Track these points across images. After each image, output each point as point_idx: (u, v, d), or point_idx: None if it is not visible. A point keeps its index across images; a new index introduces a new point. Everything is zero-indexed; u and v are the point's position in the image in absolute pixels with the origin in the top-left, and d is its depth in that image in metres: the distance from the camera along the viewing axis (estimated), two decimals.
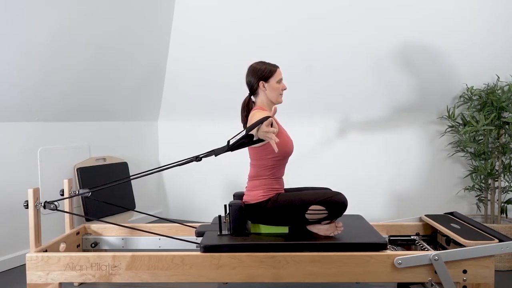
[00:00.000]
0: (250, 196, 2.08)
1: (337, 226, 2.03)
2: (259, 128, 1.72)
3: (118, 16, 3.00)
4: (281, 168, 2.12)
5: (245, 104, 2.16)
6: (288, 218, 2.02)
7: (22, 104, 2.69)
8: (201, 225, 2.31)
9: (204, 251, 1.92)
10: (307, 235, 2.03)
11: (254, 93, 2.14)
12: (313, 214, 1.98)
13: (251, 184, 2.10)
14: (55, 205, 2.00)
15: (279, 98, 2.13)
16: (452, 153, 3.05)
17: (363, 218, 2.36)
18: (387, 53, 2.97)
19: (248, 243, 1.94)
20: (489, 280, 1.84)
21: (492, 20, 2.67)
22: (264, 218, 2.05)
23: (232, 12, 3.23)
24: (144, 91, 3.63)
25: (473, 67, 2.82)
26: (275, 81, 2.10)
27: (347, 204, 1.99)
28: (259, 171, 2.07)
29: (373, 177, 3.28)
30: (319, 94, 3.29)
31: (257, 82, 2.09)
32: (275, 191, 2.07)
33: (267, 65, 2.11)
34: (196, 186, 3.88)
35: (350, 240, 1.94)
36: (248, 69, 2.14)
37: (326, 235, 2.01)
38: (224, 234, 2.06)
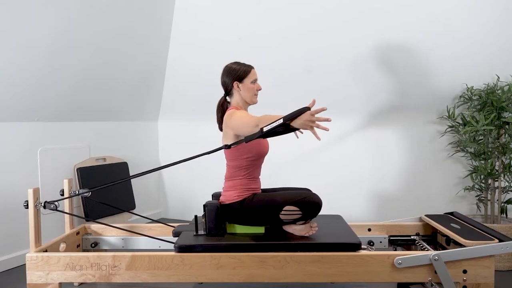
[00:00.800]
0: (226, 196, 2.09)
1: (312, 226, 2.05)
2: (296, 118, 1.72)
3: (118, 16, 3.00)
4: (257, 168, 2.13)
5: (220, 105, 2.17)
6: (263, 219, 2.03)
7: (22, 104, 2.69)
8: (179, 225, 2.33)
9: (178, 251, 1.92)
10: (283, 235, 2.05)
11: (229, 94, 2.15)
12: (287, 214, 1.99)
13: (227, 185, 2.11)
14: (55, 205, 2.00)
15: (254, 98, 2.13)
16: (452, 153, 3.05)
17: (342, 218, 2.37)
18: (386, 53, 2.97)
19: (223, 243, 1.94)
20: (489, 280, 1.84)
21: (492, 20, 2.67)
22: (239, 218, 2.06)
23: (232, 12, 3.23)
24: (144, 91, 3.63)
25: (473, 67, 2.82)
26: (249, 82, 2.10)
27: (321, 205, 2.01)
28: (235, 172, 2.09)
29: (372, 177, 3.28)
30: (319, 93, 3.29)
31: (231, 83, 2.10)
32: (251, 191, 2.08)
33: (241, 66, 2.12)
34: (196, 186, 3.88)
35: (325, 240, 1.96)
36: (223, 69, 2.15)
37: (301, 235, 2.03)
38: (200, 234, 2.07)
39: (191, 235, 2.07)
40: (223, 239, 2.00)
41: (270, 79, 3.35)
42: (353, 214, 3.32)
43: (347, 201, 3.35)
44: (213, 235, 2.05)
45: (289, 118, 1.73)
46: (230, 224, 2.12)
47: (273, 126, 1.76)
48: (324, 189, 3.36)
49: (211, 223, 2.05)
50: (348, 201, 3.34)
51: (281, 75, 3.31)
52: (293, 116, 1.73)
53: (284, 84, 3.34)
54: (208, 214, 2.05)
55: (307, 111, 1.71)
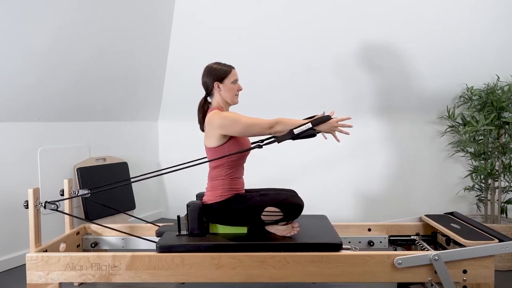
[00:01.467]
0: (208, 196, 2.10)
1: (293, 226, 2.05)
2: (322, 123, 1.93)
3: (118, 16, 3.00)
4: (239, 168, 2.13)
5: (201, 105, 2.17)
6: (245, 219, 2.03)
7: (22, 104, 2.69)
8: (164, 225, 2.33)
9: (160, 251, 1.93)
10: (265, 235, 2.05)
11: (210, 94, 2.15)
12: (268, 215, 2.00)
13: (210, 185, 2.11)
14: (56, 205, 2.00)
15: (235, 98, 2.14)
16: (452, 153, 3.05)
17: (327, 219, 2.38)
18: (386, 53, 2.97)
19: (205, 244, 1.95)
20: (489, 280, 1.84)
21: (492, 20, 2.67)
22: (222, 218, 2.06)
23: (233, 12, 3.23)
24: (144, 91, 3.63)
25: (473, 67, 2.82)
26: (229, 82, 2.10)
27: (302, 206, 2.02)
28: (217, 172, 2.09)
29: (373, 177, 3.28)
30: (320, 94, 3.29)
31: (212, 83, 2.10)
32: (233, 191, 2.08)
33: (222, 66, 2.12)
34: (196, 186, 3.88)
35: (306, 240, 1.96)
36: (204, 69, 2.15)
37: (283, 235, 2.03)
38: (182, 235, 2.07)
39: (173, 235, 2.07)
40: (205, 239, 2.00)
41: (269, 79, 3.35)
42: (353, 214, 3.32)
43: (346, 201, 3.35)
44: (195, 235, 2.05)
45: (317, 124, 1.94)
46: (213, 224, 2.12)
47: (303, 129, 1.92)
48: (324, 188, 3.37)
49: (193, 223, 2.05)
50: (348, 201, 3.34)
51: (281, 75, 3.31)
52: (320, 122, 1.94)
53: (284, 84, 3.34)
54: (191, 214, 2.05)
55: (334, 118, 1.96)
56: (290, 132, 1.93)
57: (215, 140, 2.03)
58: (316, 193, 3.41)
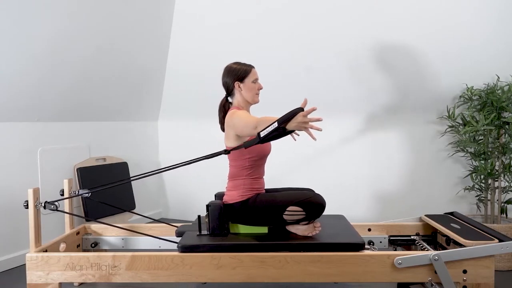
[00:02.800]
0: (229, 196, 2.09)
1: (315, 226, 2.05)
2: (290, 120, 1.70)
3: (118, 16, 3.00)
4: (260, 168, 2.13)
5: (221, 105, 2.18)
6: (267, 219, 2.03)
7: (22, 104, 2.69)
8: (182, 225, 2.32)
9: (182, 251, 1.92)
10: (286, 235, 2.04)
11: (230, 94, 2.15)
12: (291, 215, 1.99)
13: (230, 184, 2.11)
14: (56, 205, 2.00)
15: (255, 97, 2.13)
16: (452, 153, 3.05)
17: (345, 218, 2.37)
18: (386, 53, 2.97)
19: (226, 243, 1.94)
20: (489, 280, 1.84)
21: (492, 20, 2.67)
22: (243, 218, 2.06)
23: (232, 12, 3.23)
24: (144, 91, 3.63)
25: (473, 67, 2.82)
26: (250, 81, 2.10)
27: (325, 205, 2.01)
28: (238, 172, 2.08)
29: (373, 177, 3.28)
30: (319, 93, 3.29)
31: (232, 83, 2.10)
32: (254, 191, 2.08)
33: (242, 65, 2.12)
34: (196, 186, 3.88)
35: (328, 240, 1.95)
36: (224, 70, 2.15)
37: (304, 235, 2.03)
38: (203, 234, 2.07)
39: (194, 235, 2.06)
40: (226, 239, 1.99)
41: (270, 80, 3.35)
42: (353, 214, 3.32)
43: (347, 201, 3.35)
44: (216, 235, 2.04)
45: (283, 121, 1.71)
46: (233, 224, 2.11)
47: (269, 130, 1.75)
48: (325, 189, 3.37)
49: (214, 223, 2.05)
50: (348, 201, 3.34)
51: (281, 76, 3.31)
52: (287, 119, 1.70)
53: (284, 85, 3.34)
54: (211, 214, 2.05)
55: (300, 112, 1.69)
56: (257, 135, 1.80)
57: (233, 140, 2.03)
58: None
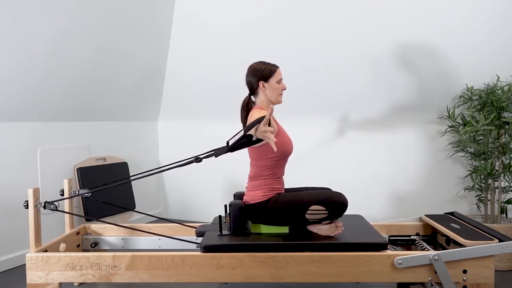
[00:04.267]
0: (250, 196, 2.08)
1: (337, 226, 2.02)
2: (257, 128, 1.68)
3: (118, 16, 3.00)
4: (281, 168, 2.12)
5: (245, 104, 2.16)
6: (288, 218, 2.01)
7: (22, 104, 2.69)
8: (202, 225, 2.31)
9: (204, 251, 1.92)
10: (308, 235, 2.03)
11: (254, 93, 2.14)
12: (313, 214, 1.98)
13: (251, 184, 2.10)
14: (55, 205, 2.00)
15: (279, 98, 2.13)
16: (452, 153, 3.05)
17: (364, 218, 2.36)
18: (387, 53, 2.97)
19: (249, 243, 1.93)
20: (489, 280, 1.84)
21: (492, 20, 2.67)
22: (264, 218, 2.04)
23: (233, 12, 3.23)
24: (144, 91, 3.63)
25: (473, 67, 2.82)
26: (275, 81, 2.10)
27: (347, 204, 1.99)
28: (259, 171, 2.07)
29: (373, 177, 3.27)
30: (319, 94, 3.29)
31: (257, 82, 2.09)
32: (275, 191, 2.07)
33: (267, 65, 2.11)
34: (196, 186, 3.88)
35: (350, 240, 1.94)
36: (248, 69, 2.14)
37: (326, 235, 2.01)
38: (224, 234, 2.06)
39: (215, 235, 2.05)
40: (249, 239, 1.99)
41: None
42: None
43: None
44: (237, 235, 2.04)
45: (248, 129, 1.67)
46: (254, 224, 2.10)
47: (236, 139, 1.70)
48: None
49: (235, 223, 2.04)
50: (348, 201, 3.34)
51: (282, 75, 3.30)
52: (251, 127, 1.67)
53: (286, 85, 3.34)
54: (233, 213, 2.04)
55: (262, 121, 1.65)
56: (226, 145, 1.78)
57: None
58: None
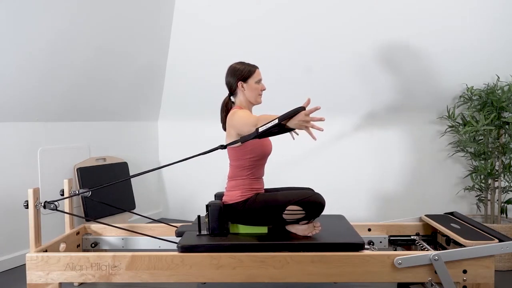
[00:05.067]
0: (228, 196, 2.09)
1: (315, 226, 2.04)
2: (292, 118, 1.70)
3: (118, 16, 3.00)
4: (260, 168, 2.13)
5: (224, 104, 2.18)
6: (266, 218, 2.03)
7: (22, 104, 2.69)
8: (182, 225, 2.32)
9: (181, 251, 1.92)
10: (286, 235, 2.04)
11: (233, 93, 2.16)
12: (290, 214, 1.99)
13: (230, 185, 2.11)
14: (55, 205, 2.00)
15: (258, 98, 2.14)
16: (452, 153, 3.05)
17: (345, 218, 2.37)
18: (386, 53, 2.97)
19: (226, 243, 1.94)
20: (489, 280, 1.84)
21: (492, 20, 2.67)
22: (242, 218, 2.06)
23: (232, 12, 3.23)
24: (144, 91, 3.63)
25: (473, 67, 2.82)
26: (254, 82, 2.11)
27: (324, 204, 2.00)
28: (238, 172, 2.08)
29: (373, 177, 3.27)
30: (319, 94, 3.29)
31: (236, 82, 2.10)
32: (254, 191, 2.08)
33: (246, 66, 2.12)
34: (196, 186, 3.88)
35: (328, 240, 1.95)
36: (228, 69, 2.15)
37: (304, 235, 2.02)
38: (203, 234, 2.07)
39: (194, 235, 2.07)
40: (226, 239, 1.99)
41: (270, 80, 3.35)
42: (353, 214, 3.32)
43: (347, 201, 3.35)
44: (216, 235, 2.05)
45: (284, 118, 1.71)
46: (233, 224, 2.11)
47: (268, 126, 1.76)
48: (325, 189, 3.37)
49: (214, 223, 2.05)
50: (348, 201, 3.34)
51: (282, 76, 3.31)
52: (288, 116, 1.71)
53: (285, 85, 3.34)
54: (211, 214, 2.05)
55: (302, 111, 1.69)
56: (255, 131, 1.82)
57: (234, 139, 2.04)
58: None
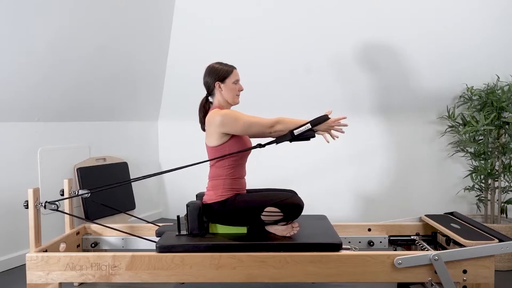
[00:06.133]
0: (208, 196, 2.10)
1: (293, 226, 2.05)
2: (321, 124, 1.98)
3: (118, 16, 3.00)
4: (240, 168, 2.13)
5: (202, 105, 2.19)
6: (245, 219, 2.03)
7: (22, 104, 2.69)
8: (163, 225, 2.33)
9: (160, 251, 1.93)
10: (264, 235, 2.05)
11: (211, 94, 2.16)
12: (268, 215, 2.00)
13: (210, 184, 2.11)
14: (56, 205, 2.00)
15: (236, 98, 2.15)
16: (452, 153, 3.05)
17: (326, 219, 2.38)
18: (386, 53, 2.97)
19: (204, 244, 1.95)
20: (489, 280, 1.84)
21: (492, 20, 2.67)
22: (221, 218, 2.06)
23: (232, 11, 3.23)
24: (144, 91, 3.63)
25: (473, 67, 2.82)
26: (231, 82, 2.11)
27: (302, 206, 2.02)
28: (218, 171, 2.09)
29: (373, 177, 3.28)
30: (319, 93, 3.29)
31: (213, 83, 2.11)
32: (234, 191, 2.08)
33: (223, 66, 2.13)
34: (196, 186, 3.88)
35: (306, 240, 1.96)
36: (206, 69, 2.16)
37: (283, 235, 2.03)
38: (182, 234, 2.07)
39: (173, 235, 2.07)
40: (205, 239, 2.00)
41: (269, 80, 3.35)
42: (353, 214, 3.32)
43: (347, 201, 3.35)
44: (195, 235, 2.05)
45: (315, 124, 1.97)
46: (212, 224, 2.12)
47: (302, 130, 1.96)
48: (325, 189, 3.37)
49: (193, 223, 2.05)
50: (349, 201, 3.34)
51: (281, 75, 3.31)
52: (319, 122, 1.98)
53: (283, 85, 3.34)
54: (190, 214, 2.05)
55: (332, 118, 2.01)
56: (290, 133, 1.96)
57: (216, 138, 2.03)
58: (316, 193, 3.41)
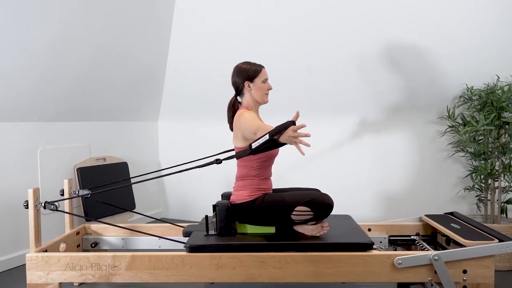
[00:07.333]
0: (236, 196, 2.10)
1: (323, 226, 2.04)
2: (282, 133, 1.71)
3: (118, 16, 3.00)
4: (267, 169, 2.13)
5: (231, 105, 2.18)
6: (274, 219, 2.03)
7: (22, 104, 2.69)
8: (189, 225, 2.32)
9: (190, 251, 1.92)
10: (294, 235, 2.04)
11: (240, 93, 2.16)
12: (298, 215, 1.99)
13: (238, 184, 2.12)
14: (56, 205, 2.00)
15: (265, 98, 2.15)
16: (452, 153, 3.05)
17: (351, 218, 2.37)
18: (386, 53, 2.97)
19: (234, 243, 1.94)
20: (489, 280, 1.84)
21: (492, 20, 2.67)
22: (250, 218, 2.06)
23: (232, 11, 3.23)
24: (144, 91, 3.63)
25: (473, 67, 2.82)
26: (260, 81, 2.11)
27: (332, 205, 2.01)
28: (246, 172, 2.09)
29: (373, 177, 3.28)
30: (318, 94, 3.29)
31: (242, 82, 2.11)
32: (262, 191, 2.08)
33: (252, 65, 2.13)
34: (196, 186, 3.88)
35: (336, 240, 1.95)
36: (234, 69, 2.15)
37: (312, 235, 2.02)
38: (210, 234, 2.07)
39: (201, 235, 2.06)
40: (234, 239, 1.99)
41: (270, 80, 3.35)
42: (354, 214, 3.32)
43: (348, 201, 3.35)
44: (223, 235, 2.04)
45: (275, 133, 1.72)
46: (241, 224, 2.11)
47: (260, 142, 1.77)
48: (328, 189, 3.37)
49: (221, 223, 2.05)
50: (350, 201, 3.34)
51: (282, 76, 3.31)
52: (278, 131, 1.71)
53: (285, 85, 3.34)
54: (219, 213, 2.05)
55: (290, 127, 1.69)
56: (249, 147, 1.82)
57: (240, 140, 2.05)
58: None
